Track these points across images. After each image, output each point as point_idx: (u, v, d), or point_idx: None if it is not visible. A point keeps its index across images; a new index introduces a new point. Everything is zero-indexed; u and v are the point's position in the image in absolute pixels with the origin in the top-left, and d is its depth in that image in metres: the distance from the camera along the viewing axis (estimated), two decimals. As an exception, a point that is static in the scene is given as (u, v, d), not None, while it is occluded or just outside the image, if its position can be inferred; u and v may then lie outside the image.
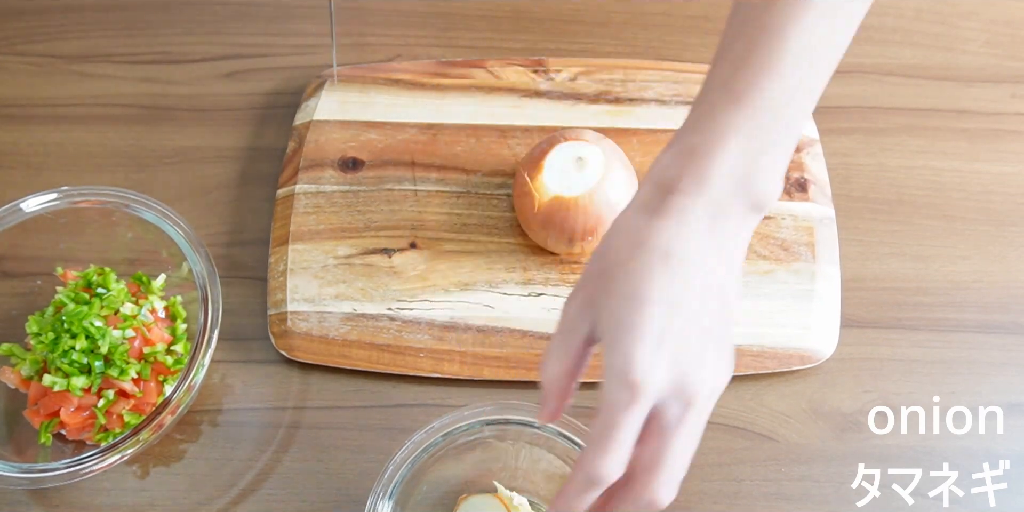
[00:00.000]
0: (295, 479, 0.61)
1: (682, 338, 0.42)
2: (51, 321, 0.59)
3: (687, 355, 0.42)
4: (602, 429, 0.42)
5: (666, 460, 0.42)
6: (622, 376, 0.41)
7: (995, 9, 0.80)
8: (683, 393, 0.42)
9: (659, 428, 0.42)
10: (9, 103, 0.75)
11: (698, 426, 0.43)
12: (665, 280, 0.42)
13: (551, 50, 0.77)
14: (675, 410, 0.42)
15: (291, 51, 0.78)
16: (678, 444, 0.42)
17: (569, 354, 0.45)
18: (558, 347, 0.45)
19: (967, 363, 0.65)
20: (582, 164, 0.62)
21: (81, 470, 0.55)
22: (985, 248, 0.69)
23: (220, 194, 0.71)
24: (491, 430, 0.54)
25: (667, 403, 0.42)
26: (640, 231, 0.43)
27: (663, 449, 0.42)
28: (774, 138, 0.44)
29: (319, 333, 0.64)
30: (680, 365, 0.42)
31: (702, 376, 0.42)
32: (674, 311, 0.42)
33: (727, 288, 0.44)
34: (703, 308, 0.42)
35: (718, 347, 0.43)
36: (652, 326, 0.41)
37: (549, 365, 0.45)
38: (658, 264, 0.42)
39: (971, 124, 0.74)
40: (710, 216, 0.43)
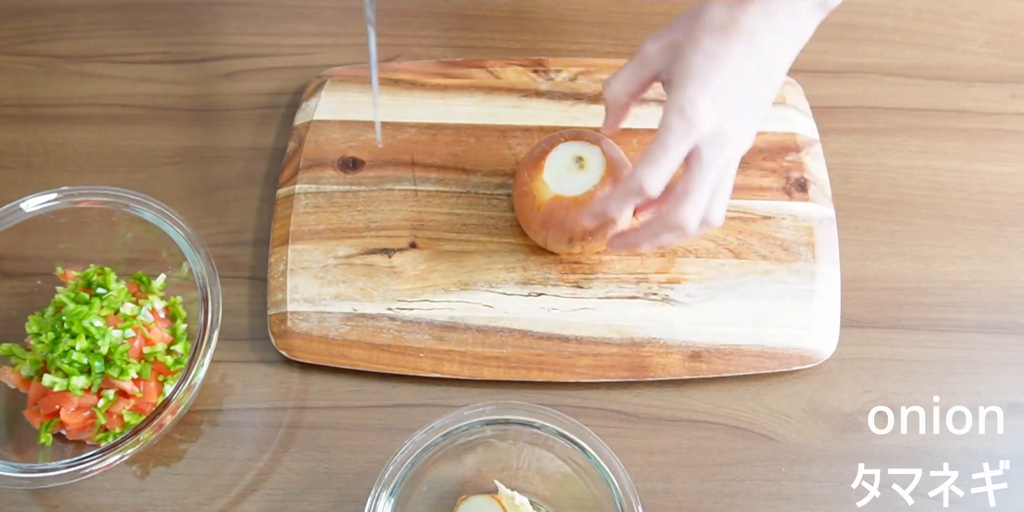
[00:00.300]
0: (295, 479, 0.61)
1: (734, 99, 0.54)
2: (51, 321, 0.59)
3: (733, 113, 0.54)
4: (656, 149, 0.53)
5: (695, 190, 0.54)
6: (683, 111, 0.53)
7: (995, 9, 0.80)
8: (720, 139, 0.54)
9: (695, 165, 0.54)
10: (9, 103, 0.75)
11: (726, 173, 0.55)
12: (742, 53, 0.54)
13: (551, 50, 0.77)
14: (710, 152, 0.54)
15: (291, 51, 0.78)
16: (708, 180, 0.54)
17: (636, 81, 0.58)
18: (629, 72, 0.58)
19: (967, 363, 0.65)
20: (582, 164, 0.62)
21: (81, 470, 0.55)
22: (985, 248, 0.69)
23: (220, 194, 0.71)
24: (491, 430, 0.54)
25: (705, 145, 0.54)
26: (734, 9, 0.54)
27: (694, 181, 0.54)
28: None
29: (319, 333, 0.64)
30: (726, 118, 0.54)
31: (737, 132, 0.54)
32: (738, 79, 0.54)
33: (779, 73, 0.56)
34: (757, 83, 0.55)
35: (754, 118, 0.56)
36: (718, 82, 0.53)
37: (616, 84, 0.59)
38: (742, 40, 0.54)
39: (971, 124, 0.74)
40: (789, 11, 0.54)
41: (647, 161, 0.53)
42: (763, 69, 0.55)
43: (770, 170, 0.70)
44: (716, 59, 0.54)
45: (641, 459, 0.61)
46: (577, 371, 0.63)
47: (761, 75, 0.55)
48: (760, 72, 0.54)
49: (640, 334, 0.64)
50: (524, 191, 0.63)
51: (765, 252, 0.66)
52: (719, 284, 0.65)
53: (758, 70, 0.54)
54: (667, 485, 0.61)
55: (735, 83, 0.54)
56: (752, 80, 0.54)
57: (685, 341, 0.64)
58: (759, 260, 0.66)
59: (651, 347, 0.64)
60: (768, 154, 0.70)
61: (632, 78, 0.58)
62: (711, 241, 0.67)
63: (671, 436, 0.62)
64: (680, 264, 0.66)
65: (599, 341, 0.64)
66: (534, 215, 0.63)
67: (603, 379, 0.63)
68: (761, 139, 0.71)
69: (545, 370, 0.63)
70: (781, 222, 0.68)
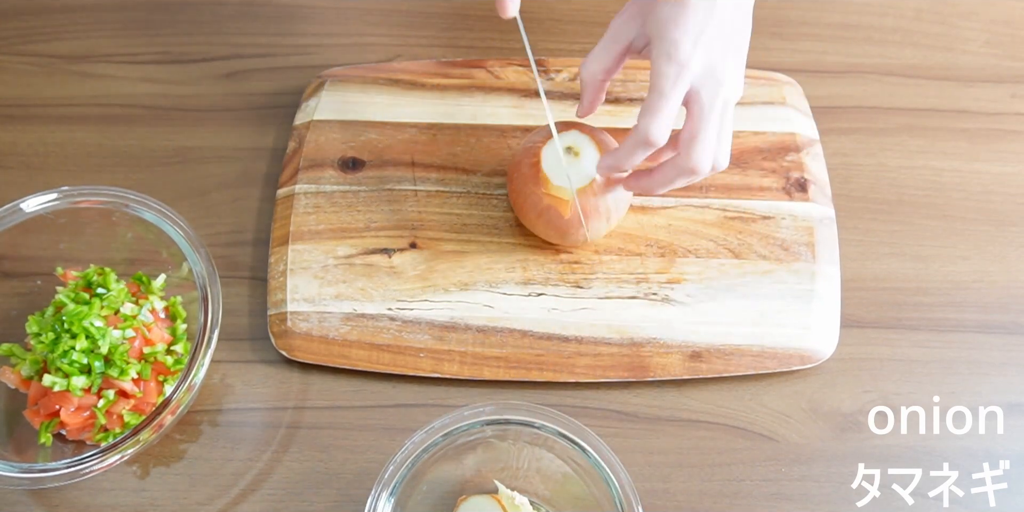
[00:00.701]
0: (295, 479, 0.61)
1: (714, 38, 0.55)
2: (51, 321, 0.59)
3: (716, 51, 0.55)
4: (653, 97, 0.55)
5: (703, 133, 0.55)
6: (670, 56, 0.54)
7: (995, 9, 0.80)
8: (712, 79, 0.55)
9: (696, 107, 0.55)
10: (9, 103, 0.75)
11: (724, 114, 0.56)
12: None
13: (551, 50, 0.77)
14: (707, 93, 0.55)
15: (291, 51, 0.78)
16: (712, 120, 0.56)
17: (610, 56, 0.60)
18: (601, 50, 0.60)
19: (967, 363, 0.65)
20: (576, 155, 0.62)
21: (81, 470, 0.55)
22: (985, 248, 0.69)
23: (220, 194, 0.71)
24: (491, 430, 0.54)
25: (702, 85, 0.55)
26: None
27: (700, 124, 0.55)
28: None
29: (319, 333, 0.64)
30: (712, 57, 0.55)
31: (726, 74, 0.56)
32: (707, 14, 0.55)
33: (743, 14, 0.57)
34: (727, 18, 0.56)
35: (737, 60, 0.57)
36: (694, 23, 0.54)
37: (590, 63, 0.60)
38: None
39: (971, 124, 0.74)
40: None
41: (648, 110, 0.55)
42: (734, 9, 0.56)
43: (770, 170, 0.70)
44: (685, 5, 0.55)
45: (641, 459, 0.61)
46: (577, 371, 0.63)
47: (735, 15, 0.56)
48: (731, 11, 0.56)
49: (640, 334, 0.64)
50: (521, 186, 0.63)
51: (765, 252, 0.66)
52: (719, 284, 0.66)
53: (729, 9, 0.56)
54: (667, 485, 0.61)
55: (711, 23, 0.55)
56: (725, 18, 0.56)
57: (685, 341, 0.64)
58: (759, 260, 0.66)
59: (651, 347, 0.64)
60: (768, 154, 0.70)
61: (605, 53, 0.60)
62: (711, 241, 0.67)
63: (671, 436, 0.62)
64: (680, 264, 0.66)
65: (599, 341, 0.64)
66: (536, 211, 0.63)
67: (603, 379, 0.63)
68: (761, 139, 0.71)
69: (545, 370, 0.63)
70: (781, 222, 0.68)
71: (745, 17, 0.58)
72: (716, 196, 0.69)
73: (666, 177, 0.58)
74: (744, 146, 0.71)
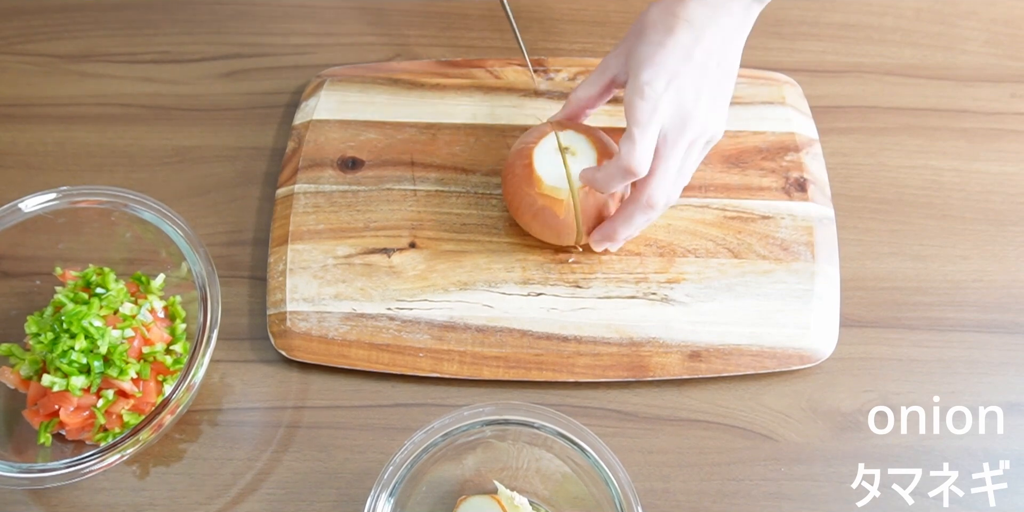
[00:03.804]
0: (295, 479, 0.61)
1: (688, 82, 0.57)
2: (50, 321, 0.59)
3: (689, 95, 0.57)
4: (631, 129, 0.57)
5: (660, 169, 0.58)
6: (641, 92, 0.57)
7: (995, 9, 0.80)
8: (679, 120, 0.57)
9: (660, 146, 0.58)
10: (9, 103, 0.75)
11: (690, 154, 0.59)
12: (688, 39, 0.57)
13: (551, 50, 0.77)
14: (674, 132, 0.57)
15: (291, 51, 0.78)
16: (672, 159, 0.58)
17: (596, 87, 0.64)
18: (591, 80, 0.64)
19: (967, 363, 0.65)
20: (573, 154, 0.62)
21: (81, 470, 0.55)
22: (985, 248, 0.69)
23: (220, 194, 0.71)
24: (491, 430, 0.54)
25: (670, 126, 0.57)
26: (672, 6, 0.58)
27: (659, 162, 0.58)
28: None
29: (319, 333, 0.64)
30: (681, 97, 0.57)
31: (698, 115, 0.58)
32: (685, 57, 0.57)
33: (729, 58, 0.60)
34: (707, 66, 0.58)
35: (713, 101, 0.59)
36: (670, 67, 0.57)
37: (579, 90, 0.64)
38: (683, 27, 0.58)
39: (971, 124, 0.74)
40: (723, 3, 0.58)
41: (627, 140, 0.57)
42: (713, 56, 0.58)
43: (769, 170, 0.70)
44: (663, 46, 0.58)
45: (641, 459, 0.61)
46: (577, 371, 0.63)
47: (712, 61, 0.58)
48: (711, 58, 0.58)
49: (639, 334, 0.64)
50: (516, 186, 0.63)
51: (764, 252, 0.66)
52: (718, 284, 0.65)
53: (708, 56, 0.58)
54: (667, 485, 0.61)
55: (686, 67, 0.57)
56: (703, 64, 0.58)
57: (684, 341, 0.64)
58: (758, 260, 0.66)
59: (650, 347, 0.64)
60: (767, 154, 0.70)
61: (593, 85, 0.64)
62: (710, 241, 0.67)
63: (671, 436, 0.62)
64: (679, 264, 0.66)
65: (598, 341, 0.64)
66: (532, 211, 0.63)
67: (602, 379, 0.63)
68: (760, 139, 0.71)
69: (545, 370, 0.63)
70: (780, 222, 0.68)
71: (731, 61, 0.60)
72: (715, 196, 0.69)
73: (625, 215, 0.61)
74: (743, 146, 0.71)
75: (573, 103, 0.65)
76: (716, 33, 0.58)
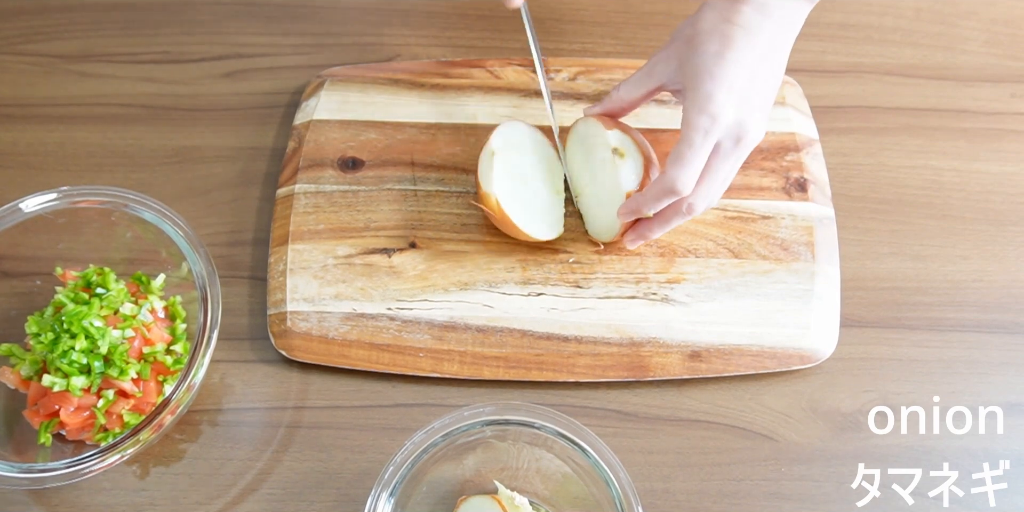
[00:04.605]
0: (295, 479, 0.61)
1: (745, 92, 0.57)
2: (51, 321, 0.59)
3: (745, 105, 0.57)
4: (683, 149, 0.57)
5: (710, 177, 0.58)
6: (703, 108, 0.56)
7: (995, 9, 0.80)
8: (736, 133, 0.57)
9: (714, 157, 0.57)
10: (9, 103, 0.75)
11: (737, 163, 0.59)
12: (744, 48, 0.57)
13: (551, 50, 0.77)
14: (728, 144, 0.58)
15: (291, 51, 0.78)
16: (721, 169, 0.58)
17: (642, 90, 0.63)
18: (636, 81, 0.63)
19: (967, 363, 0.65)
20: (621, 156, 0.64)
21: (81, 470, 0.55)
22: (985, 248, 0.69)
23: (220, 194, 0.71)
24: (491, 430, 0.54)
25: (725, 138, 0.57)
26: (726, 12, 0.57)
27: (708, 173, 0.58)
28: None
29: (319, 333, 0.64)
30: (741, 111, 0.57)
31: (751, 124, 0.57)
32: (746, 71, 0.57)
33: (781, 63, 0.59)
34: (763, 74, 0.58)
35: (763, 108, 0.59)
36: (730, 76, 0.56)
37: (623, 91, 0.64)
38: (740, 35, 0.57)
39: (971, 124, 0.74)
40: (778, 6, 0.57)
41: (677, 160, 0.57)
42: (767, 60, 0.58)
43: (770, 170, 0.70)
44: (722, 57, 0.57)
45: (641, 459, 0.61)
46: (577, 371, 0.63)
47: (766, 66, 0.58)
48: (765, 64, 0.58)
49: (640, 334, 0.64)
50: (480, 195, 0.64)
51: (765, 252, 0.66)
52: (718, 284, 0.65)
53: (763, 61, 0.57)
54: (667, 485, 0.61)
55: (745, 76, 0.57)
56: (759, 71, 0.57)
57: (684, 341, 0.64)
58: (759, 260, 0.66)
59: (651, 347, 0.64)
60: (768, 154, 0.70)
61: (637, 87, 0.63)
62: (711, 241, 0.67)
63: (671, 436, 0.62)
64: (680, 264, 0.66)
65: (599, 341, 0.64)
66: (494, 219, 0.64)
67: (603, 379, 0.63)
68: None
69: (545, 370, 0.63)
70: (781, 222, 0.68)
71: (780, 68, 0.60)
72: (716, 196, 0.69)
73: (664, 219, 0.61)
74: (744, 146, 0.71)
75: (615, 101, 0.64)
76: (771, 40, 0.58)
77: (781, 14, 0.58)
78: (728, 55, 0.57)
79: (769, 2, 0.57)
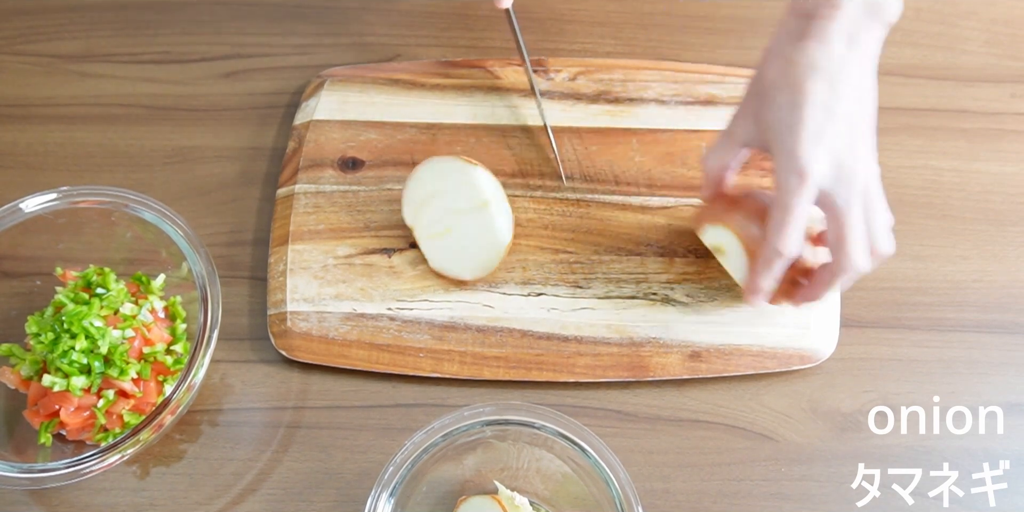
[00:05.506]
0: (295, 479, 0.61)
1: (835, 134, 0.52)
2: (51, 321, 0.59)
3: (841, 147, 0.53)
4: (779, 213, 0.54)
5: (849, 235, 0.53)
6: (790, 166, 0.53)
7: (995, 9, 0.80)
8: (843, 177, 0.53)
9: (834, 211, 0.53)
10: (9, 103, 0.75)
11: (872, 202, 0.54)
12: (817, 89, 0.52)
13: (551, 50, 0.77)
14: (842, 192, 0.53)
15: (291, 51, 0.78)
16: (854, 219, 0.53)
17: (729, 155, 0.59)
18: (720, 146, 0.59)
19: (967, 363, 0.65)
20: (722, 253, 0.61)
21: (81, 470, 0.55)
22: (985, 248, 0.69)
23: (220, 194, 0.71)
24: (491, 430, 0.54)
25: (834, 189, 0.53)
26: (789, 54, 0.53)
27: (843, 227, 0.53)
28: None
29: (319, 333, 0.64)
30: (836, 155, 0.52)
31: (856, 163, 0.53)
32: (827, 113, 0.52)
33: (867, 92, 0.54)
34: (850, 109, 0.53)
35: (865, 141, 0.54)
36: (811, 125, 0.52)
37: (711, 160, 0.60)
38: (809, 76, 0.52)
39: (971, 124, 0.74)
40: (846, 34, 0.53)
41: (775, 227, 0.54)
42: (847, 93, 0.53)
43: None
44: (796, 107, 0.53)
45: (641, 459, 0.61)
46: (577, 371, 0.63)
47: (849, 99, 0.53)
48: (846, 97, 0.53)
49: (639, 334, 0.64)
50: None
51: (765, 252, 0.66)
52: (718, 284, 0.65)
53: (844, 100, 0.53)
54: (667, 485, 0.61)
55: (826, 120, 0.53)
56: (840, 108, 0.53)
57: (684, 341, 0.64)
58: (759, 260, 0.66)
59: (650, 347, 0.64)
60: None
61: (723, 152, 0.59)
62: (711, 241, 0.67)
63: (671, 436, 0.62)
64: (679, 264, 0.66)
65: (599, 341, 0.64)
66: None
67: (602, 379, 0.63)
68: (761, 139, 0.71)
69: (545, 370, 0.63)
70: (781, 222, 0.67)
71: (867, 93, 0.55)
72: (716, 196, 0.69)
73: (825, 282, 0.57)
74: (744, 146, 0.71)
75: (709, 177, 0.61)
76: (846, 70, 0.53)
77: (851, 39, 0.53)
78: (801, 103, 0.52)
79: (832, 31, 0.53)
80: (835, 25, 0.53)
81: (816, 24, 0.53)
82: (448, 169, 0.65)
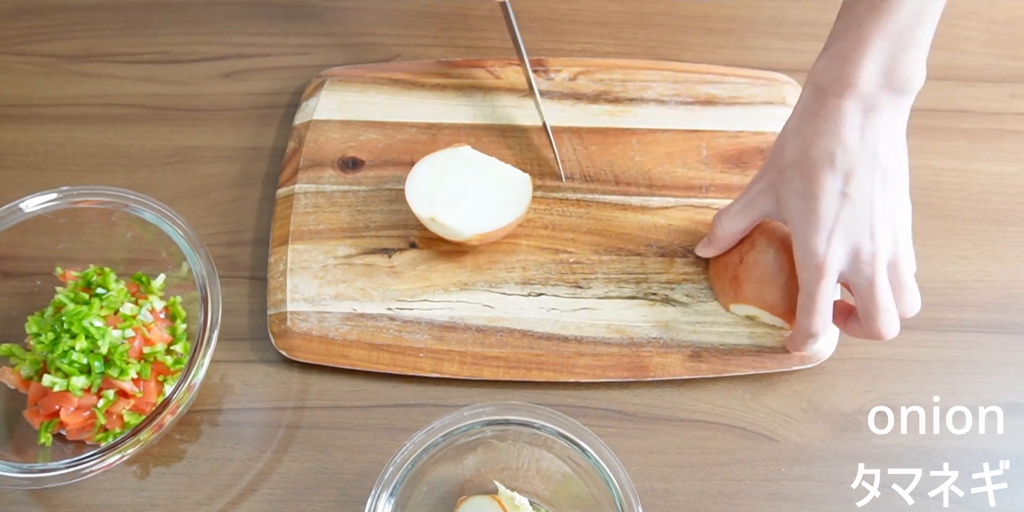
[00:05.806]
0: (295, 479, 0.61)
1: (850, 221, 0.53)
2: (51, 321, 0.59)
3: (857, 232, 0.53)
4: (803, 300, 0.56)
5: (876, 309, 0.55)
6: (807, 261, 0.55)
7: (995, 9, 0.80)
8: (863, 260, 0.54)
9: (859, 291, 0.55)
10: (9, 103, 0.75)
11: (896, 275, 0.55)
12: (830, 178, 0.53)
13: (551, 50, 0.77)
14: (866, 271, 0.54)
15: (291, 51, 0.78)
16: (878, 295, 0.55)
17: (747, 220, 0.60)
18: (739, 212, 0.60)
19: (967, 363, 0.65)
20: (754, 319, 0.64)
21: (81, 470, 0.55)
22: (985, 248, 0.69)
23: (220, 194, 0.71)
24: (491, 430, 0.54)
25: (852, 271, 0.55)
26: (806, 136, 0.54)
27: (869, 302, 0.55)
28: (913, 37, 0.52)
29: (319, 333, 0.64)
30: (853, 239, 0.54)
31: (880, 247, 0.54)
32: (841, 201, 0.53)
33: (889, 166, 0.54)
34: (868, 191, 0.53)
35: (886, 216, 0.54)
36: (824, 217, 0.53)
37: (728, 222, 0.61)
38: (824, 165, 0.53)
39: (971, 124, 0.74)
40: (863, 110, 0.53)
41: (802, 311, 0.57)
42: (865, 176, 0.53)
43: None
44: (813, 198, 0.54)
45: (641, 459, 0.61)
46: (577, 371, 0.63)
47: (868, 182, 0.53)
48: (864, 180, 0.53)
49: (640, 334, 0.64)
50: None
51: (765, 252, 0.66)
52: (719, 284, 0.65)
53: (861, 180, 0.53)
54: (667, 485, 0.61)
55: (839, 207, 0.53)
56: (861, 193, 0.53)
57: (684, 341, 0.64)
58: (759, 260, 0.66)
59: (651, 347, 0.64)
60: (768, 154, 0.70)
61: (741, 218, 0.61)
62: (711, 241, 0.67)
63: (671, 436, 0.62)
64: (680, 264, 0.66)
65: (599, 341, 0.64)
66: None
67: (603, 379, 0.63)
68: (761, 139, 0.71)
69: (545, 370, 0.63)
70: (781, 222, 0.68)
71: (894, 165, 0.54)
72: (716, 196, 0.69)
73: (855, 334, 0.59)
74: (744, 146, 0.71)
75: (721, 238, 0.62)
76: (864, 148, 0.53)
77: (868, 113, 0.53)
78: (816, 194, 0.54)
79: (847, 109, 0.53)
80: (851, 104, 0.53)
81: (831, 102, 0.53)
82: (444, 156, 0.66)
